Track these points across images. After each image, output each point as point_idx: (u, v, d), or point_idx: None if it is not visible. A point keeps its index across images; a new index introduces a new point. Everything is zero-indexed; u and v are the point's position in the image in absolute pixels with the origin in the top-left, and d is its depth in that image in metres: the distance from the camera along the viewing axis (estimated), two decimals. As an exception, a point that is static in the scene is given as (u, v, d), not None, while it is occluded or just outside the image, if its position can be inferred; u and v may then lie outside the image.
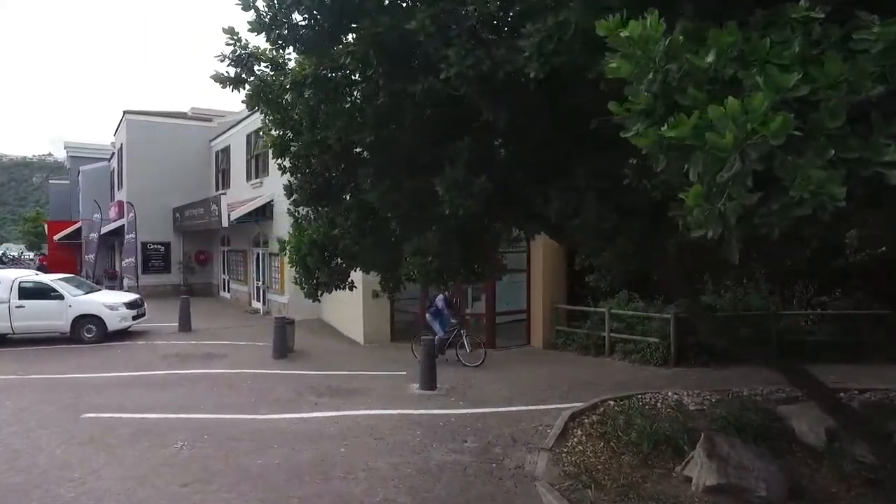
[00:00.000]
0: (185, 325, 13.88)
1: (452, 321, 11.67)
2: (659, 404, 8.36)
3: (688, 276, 5.15)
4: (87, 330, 12.57)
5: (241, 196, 17.64)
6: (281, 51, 3.85)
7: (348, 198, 4.96)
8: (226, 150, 21.16)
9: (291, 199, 5.22)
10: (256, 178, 17.81)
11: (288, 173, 5.26)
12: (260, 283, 17.68)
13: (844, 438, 6.67)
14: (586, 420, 7.66)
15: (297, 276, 5.67)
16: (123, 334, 13.11)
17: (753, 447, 5.52)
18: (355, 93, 3.88)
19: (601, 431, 7.23)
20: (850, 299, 10.65)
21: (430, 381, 9.24)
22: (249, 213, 16.36)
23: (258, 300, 18.04)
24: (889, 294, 10.07)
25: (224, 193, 16.36)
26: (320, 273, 5.11)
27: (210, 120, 23.79)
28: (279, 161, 5.06)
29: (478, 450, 6.61)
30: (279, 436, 6.89)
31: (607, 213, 2.97)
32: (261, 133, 5.43)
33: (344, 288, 5.68)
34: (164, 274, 21.88)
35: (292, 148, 4.65)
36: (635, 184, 2.51)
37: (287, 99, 4.27)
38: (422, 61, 3.16)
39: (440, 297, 11.45)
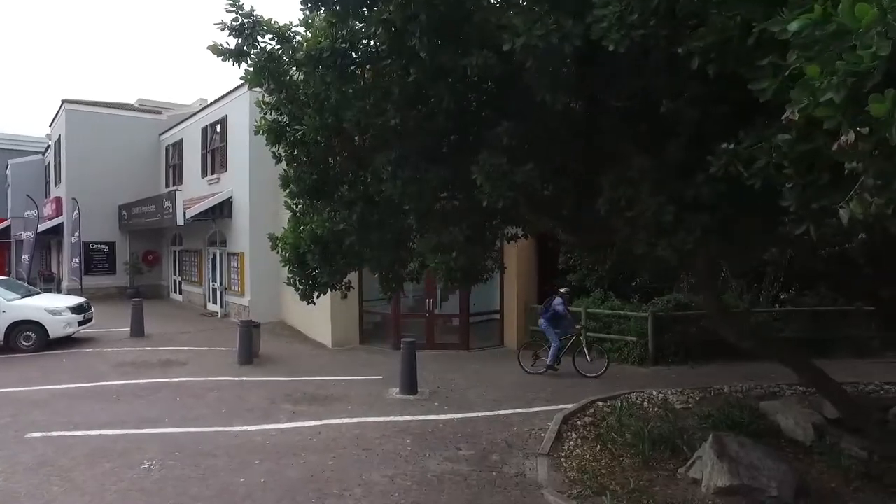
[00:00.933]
0: (137, 330, 12.84)
1: (577, 325, 10.59)
2: (646, 403, 8.33)
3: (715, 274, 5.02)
4: (25, 338, 11.36)
5: (195, 193, 16.60)
6: (311, 13, 3.37)
7: (347, 190, 4.51)
8: (178, 145, 19.92)
9: (287, 190, 4.72)
10: (213, 173, 16.82)
11: (283, 162, 4.75)
12: (217, 285, 16.69)
13: (832, 433, 6.81)
14: (579, 422, 7.50)
15: (291, 275, 5.17)
16: (67, 342, 11.95)
17: (761, 446, 5.48)
18: (382, 70, 3.45)
19: (596, 434, 7.09)
20: (815, 296, 11.06)
21: (410, 386, 8.86)
22: (206, 211, 15.39)
23: (214, 302, 17.02)
24: (851, 290, 10.52)
25: (179, 189, 15.32)
26: (321, 272, 4.64)
27: (159, 112, 22.35)
28: (273, 149, 4.55)
29: (474, 458, 6.31)
30: (259, 450, 6.33)
31: (665, 205, 2.73)
32: (258, 118, 4.83)
33: (340, 289, 5.22)
34: (108, 275, 20.33)
35: (290, 134, 4.16)
36: (721, 172, 2.27)
37: (296, 76, 3.80)
38: (476, 32, 2.81)
39: (558, 299, 10.31)
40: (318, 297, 5.30)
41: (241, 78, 4.03)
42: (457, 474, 5.80)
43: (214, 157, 16.97)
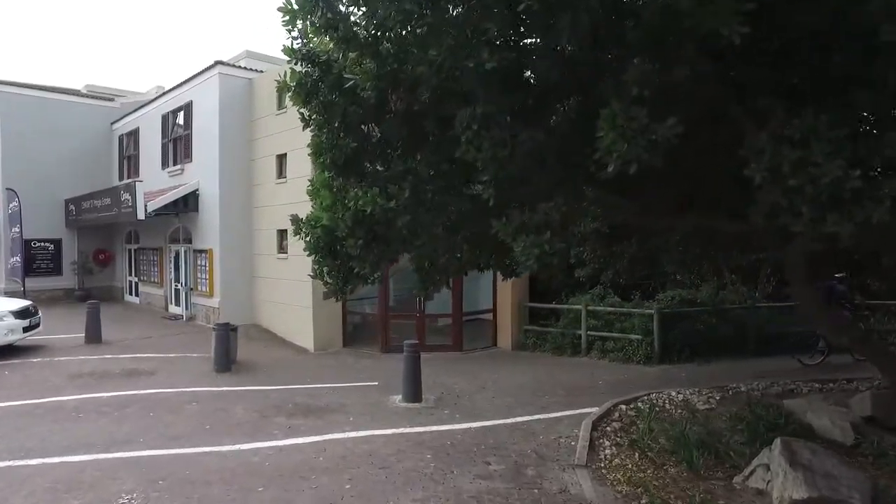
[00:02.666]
0: (93, 336, 11.45)
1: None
2: (667, 405, 7.88)
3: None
4: (-42, 347, 9.87)
5: (155, 186, 15.18)
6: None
7: (399, 159, 3.69)
8: (133, 134, 18.30)
9: (319, 160, 3.88)
10: (176, 164, 15.44)
11: (312, 126, 3.92)
12: (180, 286, 15.32)
13: (871, 433, 6.52)
14: (608, 428, 6.94)
15: (318, 266, 4.32)
16: (11, 351, 10.47)
17: (832, 452, 5.03)
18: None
19: (629, 440, 6.55)
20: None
21: (414, 393, 8.09)
22: (169, 205, 14.04)
23: (177, 304, 15.64)
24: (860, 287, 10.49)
25: (140, 181, 13.91)
26: (360, 261, 3.83)
27: (111, 99, 20.54)
28: (302, 110, 3.72)
29: (508, 473, 5.62)
30: (259, 473, 5.43)
31: (849, 170, 2.16)
32: (281, 75, 3.93)
33: (374, 282, 4.41)
34: (53, 277, 18.44)
35: (325, 91, 3.34)
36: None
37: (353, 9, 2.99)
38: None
39: (834, 283, 9.11)
40: (351, 290, 4.49)
41: (279, 9, 3.18)
42: (495, 493, 5.10)
43: (177, 146, 15.58)
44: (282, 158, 12.93)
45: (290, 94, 3.90)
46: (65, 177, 18.25)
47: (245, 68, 14.04)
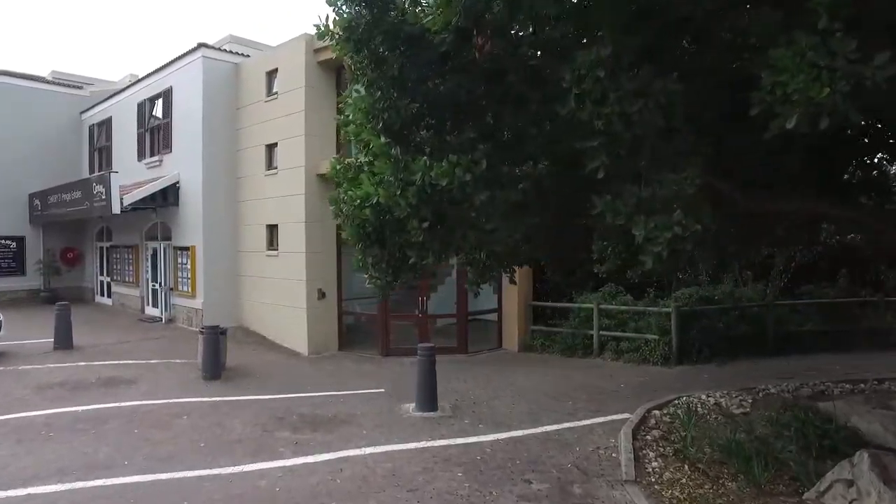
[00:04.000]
0: (64, 342, 10.40)
1: None
2: (700, 409, 7.39)
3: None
4: None
5: (130, 178, 14.07)
6: None
7: (473, 123, 2.97)
8: (105, 124, 17.08)
9: (367, 125, 3.16)
10: (153, 155, 14.37)
11: (361, 83, 3.20)
12: (159, 286, 14.26)
13: (929, 437, 6.10)
14: (647, 437, 6.38)
15: (360, 257, 3.58)
16: (-33, 358, 9.40)
17: (925, 465, 4.53)
18: None
19: (673, 450, 6.02)
20: (835, 288, 10.68)
21: (430, 401, 7.40)
22: (146, 199, 12.99)
23: (155, 306, 14.58)
24: (872, 282, 10.21)
25: (116, 172, 12.82)
26: (421, 249, 3.12)
27: (80, 87, 19.23)
28: (351, 55, 3.00)
29: (554, 493, 5.00)
30: (270, 502, 4.67)
31: None
32: (323, 20, 3.17)
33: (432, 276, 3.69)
34: (16, 277, 17.10)
35: (378, 39, 2.64)
36: None
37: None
38: None
39: None
40: (400, 283, 3.76)
41: None
42: (548, 520, 4.46)
43: (155, 136, 14.51)
44: (271, 148, 12.05)
45: (333, 42, 3.19)
46: (29, 169, 16.93)
47: (230, 52, 13.09)
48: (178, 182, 13.21)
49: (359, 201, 3.44)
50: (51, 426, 6.44)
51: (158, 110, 14.21)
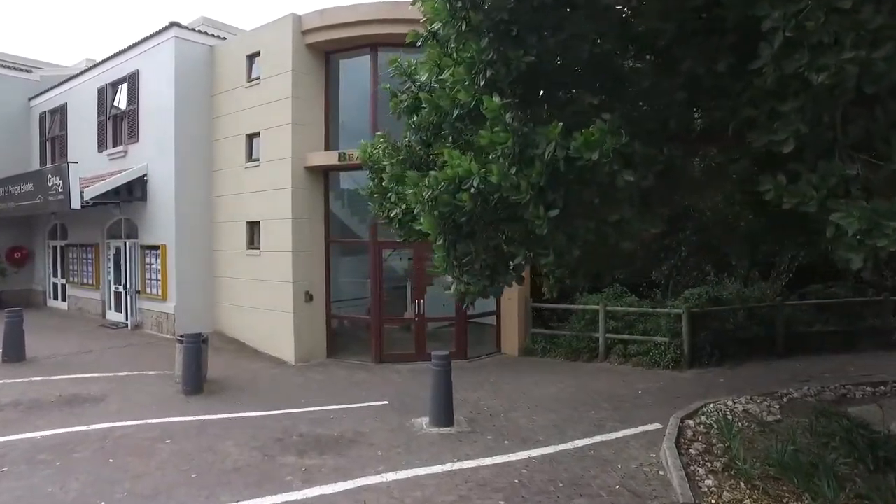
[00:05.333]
0: (14, 353, 9.16)
1: None
2: (729, 416, 6.98)
3: None
4: None
5: (89, 171, 12.80)
6: None
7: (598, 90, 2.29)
8: (59, 111, 15.59)
9: (478, 77, 2.42)
10: (117, 145, 13.11)
11: (453, 38, 2.48)
12: (123, 288, 13.01)
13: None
14: (690, 450, 5.88)
15: (445, 253, 2.84)
16: None
17: None
18: None
19: (721, 465, 5.53)
20: (842, 287, 10.56)
21: (446, 415, 6.73)
22: (108, 193, 11.77)
23: (118, 310, 13.32)
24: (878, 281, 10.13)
25: (75, 162, 11.53)
26: (536, 245, 2.42)
27: (29, 71, 17.57)
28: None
29: (612, 522, 4.41)
30: (292, 550, 3.90)
31: None
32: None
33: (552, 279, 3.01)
34: (-46, 279, 15.41)
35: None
36: None
37: None
38: None
39: None
40: (499, 288, 3.05)
41: None
42: (619, 559, 3.86)
43: (118, 124, 13.24)
44: (252, 138, 11.08)
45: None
46: (-32, 160, 15.28)
47: (205, 33, 12.02)
48: (146, 175, 12.04)
49: (447, 184, 2.72)
50: (3, 459, 5.41)
51: (123, 96, 12.96)
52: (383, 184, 4.59)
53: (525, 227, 2.65)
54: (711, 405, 7.30)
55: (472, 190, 2.62)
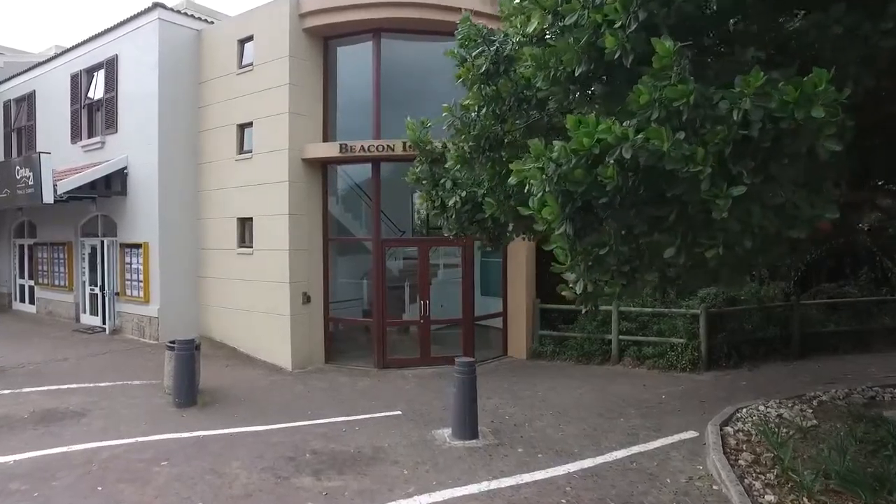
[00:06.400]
0: (-20, 363, 8.29)
1: None
2: (767, 423, 6.64)
3: None
4: None
5: (62, 164, 11.86)
6: None
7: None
8: (27, 100, 14.51)
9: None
10: (93, 136, 12.19)
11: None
12: (100, 289, 12.11)
13: None
14: (740, 461, 5.48)
15: (568, 244, 2.27)
16: None
17: None
18: None
19: (775, 476, 5.16)
20: (854, 286, 10.40)
21: (470, 427, 6.22)
22: (84, 187, 10.88)
23: (94, 314, 12.41)
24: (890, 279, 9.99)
25: (48, 153, 10.58)
26: (706, 231, 1.89)
27: (-7, 57, 16.39)
28: None
29: (684, 550, 3.95)
30: None
31: None
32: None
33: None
34: None
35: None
36: None
37: None
38: None
39: None
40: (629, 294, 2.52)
41: None
42: None
43: (94, 113, 12.33)
44: (244, 129, 10.35)
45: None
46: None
47: (191, 16, 11.22)
48: (126, 167, 11.19)
49: (579, 156, 2.16)
50: (-27, 487, 4.68)
51: (99, 83, 12.05)
52: (446, 165, 4.01)
53: (682, 211, 2.13)
54: (744, 410, 6.96)
55: (614, 163, 2.08)
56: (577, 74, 2.56)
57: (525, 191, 2.44)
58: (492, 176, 3.71)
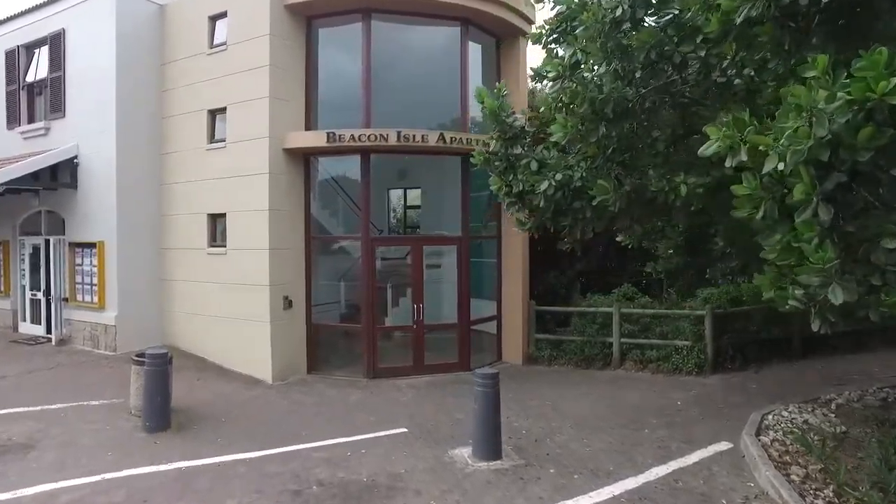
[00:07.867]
0: None
1: None
2: (798, 430, 6.34)
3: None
4: None
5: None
6: None
7: None
8: (-46, 80, 12.79)
9: None
10: (35, 121, 10.78)
11: None
12: (43, 294, 10.73)
13: None
14: (792, 476, 5.08)
15: (821, 241, 1.57)
16: None
17: None
18: None
19: (845, 498, 4.77)
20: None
21: (494, 445, 5.58)
22: (25, 178, 9.54)
23: (37, 322, 11.01)
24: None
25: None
26: None
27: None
28: None
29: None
30: None
31: None
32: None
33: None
34: None
35: None
36: None
37: None
38: None
39: None
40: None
41: None
42: None
43: (36, 95, 10.92)
44: (216, 115, 9.33)
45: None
46: None
47: (152, -11, 10.05)
48: (76, 157, 9.90)
49: (853, 112, 1.53)
50: None
51: (42, 61, 10.67)
52: (552, 138, 3.29)
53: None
54: (770, 416, 6.65)
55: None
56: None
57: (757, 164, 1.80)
58: (595, 154, 3.08)
